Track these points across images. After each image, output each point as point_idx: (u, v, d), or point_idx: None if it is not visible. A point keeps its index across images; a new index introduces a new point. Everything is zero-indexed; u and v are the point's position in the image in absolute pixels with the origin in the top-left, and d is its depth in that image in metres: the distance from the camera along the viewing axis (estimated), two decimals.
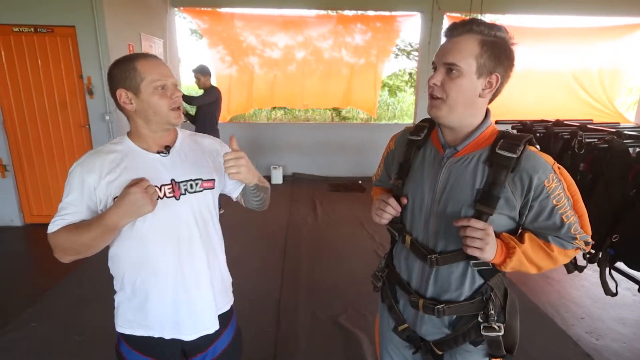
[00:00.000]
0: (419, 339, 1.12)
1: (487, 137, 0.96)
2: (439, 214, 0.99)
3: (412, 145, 1.08)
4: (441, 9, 5.19)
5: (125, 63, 1.01)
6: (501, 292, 1.03)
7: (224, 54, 5.72)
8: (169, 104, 1.03)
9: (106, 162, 1.02)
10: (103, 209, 1.02)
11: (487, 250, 0.90)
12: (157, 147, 1.08)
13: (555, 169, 0.91)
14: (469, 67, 0.89)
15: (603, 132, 2.41)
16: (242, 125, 6.28)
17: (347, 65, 5.87)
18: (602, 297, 2.22)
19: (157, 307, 1.08)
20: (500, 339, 1.00)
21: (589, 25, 5.74)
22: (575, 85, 5.73)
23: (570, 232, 0.94)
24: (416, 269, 1.06)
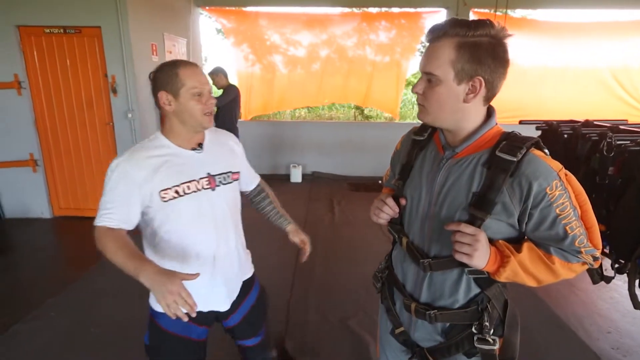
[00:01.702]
0: (414, 344, 1.09)
1: (490, 138, 0.91)
2: (435, 216, 0.96)
3: (415, 145, 1.06)
4: (467, 5, 5.01)
5: (169, 68, 1.14)
6: (500, 304, 0.97)
7: (248, 53, 5.78)
8: (203, 109, 1.15)
9: (150, 158, 1.14)
10: (149, 203, 1.14)
11: (476, 257, 0.85)
12: (190, 144, 1.21)
13: (561, 176, 0.85)
14: (446, 75, 0.85)
15: (637, 133, 2.24)
16: (263, 123, 6.31)
17: (370, 64, 5.80)
18: (633, 311, 2.07)
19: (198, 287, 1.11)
20: (495, 353, 0.95)
21: (627, 19, 5.38)
22: (614, 83, 5.37)
23: (574, 245, 0.87)
24: (411, 272, 1.04)
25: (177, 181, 1.15)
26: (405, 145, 1.11)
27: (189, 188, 1.17)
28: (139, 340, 1.34)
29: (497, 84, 0.88)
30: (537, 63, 5.25)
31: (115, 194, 1.11)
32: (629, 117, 4.04)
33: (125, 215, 1.12)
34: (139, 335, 1.34)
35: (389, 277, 1.16)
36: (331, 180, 5.79)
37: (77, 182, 3.98)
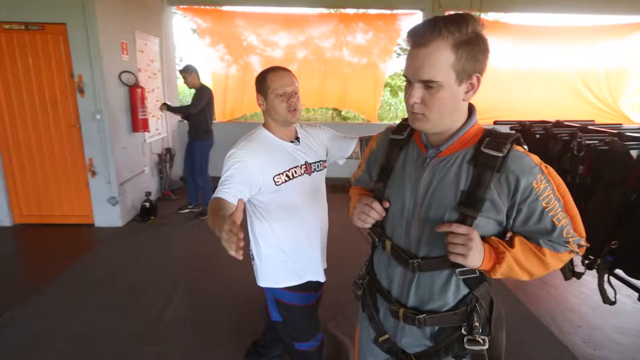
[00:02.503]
0: (400, 351, 1.06)
1: (472, 135, 0.90)
2: (421, 218, 0.93)
3: (394, 145, 1.03)
4: (442, 7, 5.09)
5: (261, 75, 1.40)
6: (487, 303, 0.96)
7: (224, 53, 5.67)
8: (286, 106, 1.35)
9: (260, 148, 1.36)
10: (262, 186, 1.33)
11: (471, 256, 0.84)
12: (289, 137, 1.44)
13: (543, 170, 0.85)
14: (448, 79, 0.82)
15: (604, 133, 2.31)
16: (239, 124, 6.19)
17: (348, 65, 5.79)
18: (602, 305, 2.12)
19: (311, 257, 1.50)
20: (484, 353, 0.94)
21: (595, 24, 5.60)
22: (581, 86, 5.57)
23: (562, 236, 0.88)
24: (397, 277, 1.00)
25: (286, 167, 1.37)
26: (382, 144, 1.07)
27: (296, 172, 1.39)
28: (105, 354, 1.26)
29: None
30: (509, 66, 5.37)
31: (231, 174, 1.27)
32: (595, 118, 4.19)
33: (237, 192, 1.25)
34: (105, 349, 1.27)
35: (371, 283, 1.12)
36: None
37: (41, 187, 3.79)
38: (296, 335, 1.56)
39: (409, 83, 0.87)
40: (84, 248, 3.42)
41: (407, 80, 0.88)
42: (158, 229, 3.90)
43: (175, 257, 3.30)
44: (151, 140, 4.63)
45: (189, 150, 4.18)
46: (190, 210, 4.33)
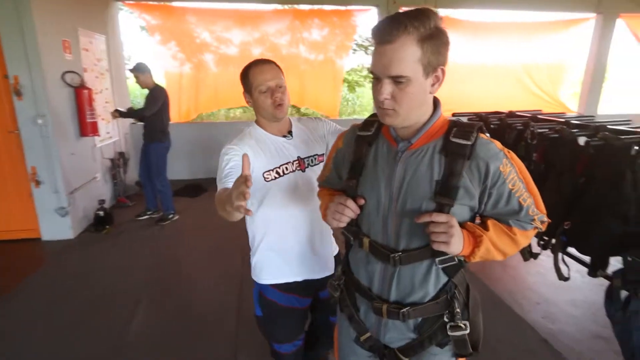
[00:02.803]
0: (382, 347, 1.06)
1: (440, 127, 0.93)
2: (398, 212, 0.94)
3: (362, 142, 1.02)
4: (396, 3, 5.20)
5: (244, 71, 1.36)
6: (464, 288, 0.99)
7: (176, 51, 5.44)
8: (271, 102, 1.31)
9: (252, 145, 1.33)
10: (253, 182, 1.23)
11: (454, 243, 0.86)
12: (281, 132, 1.40)
13: (506, 154, 0.90)
14: (416, 73, 0.83)
15: (552, 122, 2.48)
16: (196, 125, 5.98)
17: (305, 62, 5.77)
18: (556, 281, 2.28)
19: (298, 256, 1.42)
20: (466, 337, 0.96)
21: (537, 20, 5.98)
22: (526, 78, 5.97)
23: (528, 214, 0.94)
24: (377, 273, 1.00)
25: (277, 163, 1.34)
26: (349, 142, 1.06)
27: (287, 169, 1.35)
28: None
29: None
30: (461, 60, 5.58)
31: (230, 166, 1.24)
32: (540, 108, 4.49)
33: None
34: None
35: (348, 283, 1.10)
36: None
37: None
38: (273, 334, 1.53)
39: (377, 80, 0.87)
40: (31, 265, 3.14)
41: (375, 77, 0.88)
42: (115, 238, 3.67)
43: (136, 267, 3.12)
44: (102, 145, 4.35)
45: (144, 153, 3.96)
46: (150, 216, 4.12)
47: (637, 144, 1.92)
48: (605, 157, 1.98)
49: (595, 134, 2.09)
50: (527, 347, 2.17)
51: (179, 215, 4.16)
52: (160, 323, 2.42)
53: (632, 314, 1.81)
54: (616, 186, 1.91)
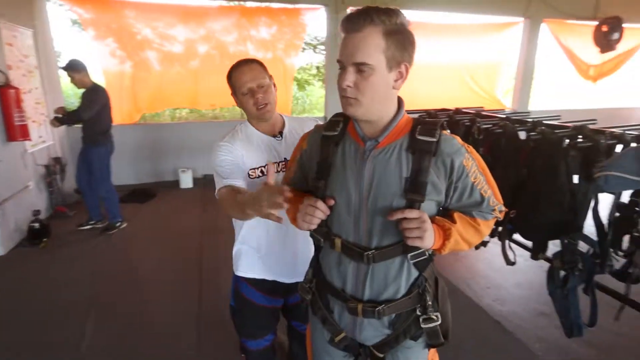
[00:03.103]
0: (358, 345, 1.07)
1: (404, 125, 0.96)
2: (369, 210, 0.95)
3: (328, 142, 1.02)
4: (344, 3, 5.29)
5: (228, 75, 1.37)
6: (433, 281, 1.03)
7: (115, 48, 5.08)
8: (254, 103, 1.31)
9: (242, 141, 1.35)
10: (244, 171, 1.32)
11: (427, 237, 0.89)
12: (271, 131, 1.40)
13: (467, 149, 0.95)
14: (380, 63, 0.86)
15: (495, 118, 2.66)
16: (141, 126, 5.63)
17: None
18: (503, 266, 2.45)
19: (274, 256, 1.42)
20: (438, 328, 1.00)
21: (475, 22, 6.39)
22: (467, 77, 6.37)
23: (489, 205, 1.00)
24: (350, 273, 1.00)
25: (262, 162, 1.35)
26: (314, 143, 1.06)
27: None
28: None
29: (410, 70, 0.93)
30: None
31: (227, 163, 1.28)
32: (477, 105, 4.80)
33: (240, 175, 1.29)
34: None
35: (319, 285, 1.10)
36: None
37: None
38: (241, 327, 1.55)
39: (343, 69, 0.89)
40: None
41: (341, 67, 0.90)
42: (54, 251, 3.36)
43: (81, 281, 2.88)
44: (34, 150, 3.95)
45: (84, 158, 3.65)
46: (93, 226, 3.82)
47: (568, 137, 2.12)
48: (543, 149, 2.15)
49: (533, 129, 2.27)
50: (482, 329, 2.33)
51: (127, 223, 3.91)
52: (115, 337, 2.27)
53: (569, 290, 2.00)
54: (553, 176, 2.09)
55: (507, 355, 2.13)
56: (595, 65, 6.84)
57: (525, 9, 6.21)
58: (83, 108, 3.44)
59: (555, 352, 2.15)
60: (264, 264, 1.44)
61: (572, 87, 7.63)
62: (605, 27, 5.89)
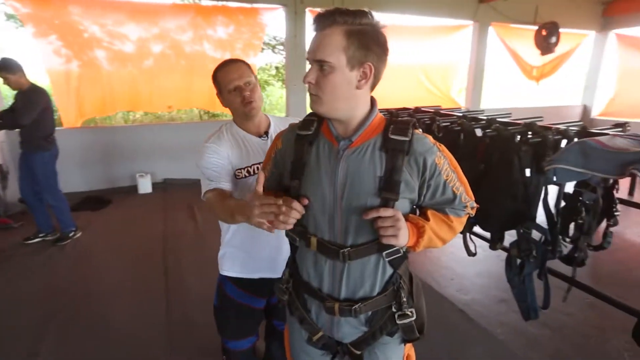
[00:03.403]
0: (335, 343, 1.08)
1: (377, 125, 0.97)
2: (344, 209, 0.95)
3: (302, 141, 1.02)
4: (304, 3, 5.30)
5: (213, 74, 1.38)
6: (407, 278, 1.05)
7: (59, 46, 4.75)
8: (241, 100, 1.32)
9: (228, 141, 1.35)
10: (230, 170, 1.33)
11: (401, 235, 0.91)
12: (258, 132, 1.41)
13: (438, 147, 0.97)
14: (339, 62, 0.87)
15: (452, 116, 2.78)
16: (92, 130, 5.32)
17: (212, 60, 5.52)
18: (465, 257, 2.57)
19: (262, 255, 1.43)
20: (413, 324, 1.02)
21: (428, 25, 6.65)
22: (423, 77, 6.62)
23: (461, 202, 1.02)
24: (326, 272, 1.01)
25: (248, 163, 1.35)
26: (289, 142, 1.06)
27: (258, 169, 1.35)
28: None
29: (381, 71, 0.94)
30: None
31: (213, 165, 1.28)
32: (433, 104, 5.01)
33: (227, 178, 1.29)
34: None
35: (296, 285, 1.10)
36: (187, 185, 5.33)
37: None
38: (223, 328, 1.56)
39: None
40: None
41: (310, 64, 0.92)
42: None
43: (34, 298, 2.68)
44: None
45: (26, 165, 3.36)
46: (43, 238, 3.55)
47: (519, 133, 2.27)
48: (498, 145, 2.29)
49: (488, 126, 2.41)
50: (448, 318, 2.44)
51: (82, 232, 3.68)
52: (77, 353, 2.14)
53: (526, 276, 2.14)
54: (508, 170, 2.22)
55: (473, 341, 2.25)
56: (538, 67, 7.36)
57: (474, 12, 6.56)
58: (22, 112, 3.14)
59: (514, 335, 2.30)
60: (249, 263, 1.44)
61: (518, 87, 8.18)
62: (544, 31, 6.36)
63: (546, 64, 7.38)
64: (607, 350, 2.18)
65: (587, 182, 1.97)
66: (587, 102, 8.51)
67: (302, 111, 5.89)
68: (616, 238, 2.18)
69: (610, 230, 2.12)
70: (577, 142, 1.86)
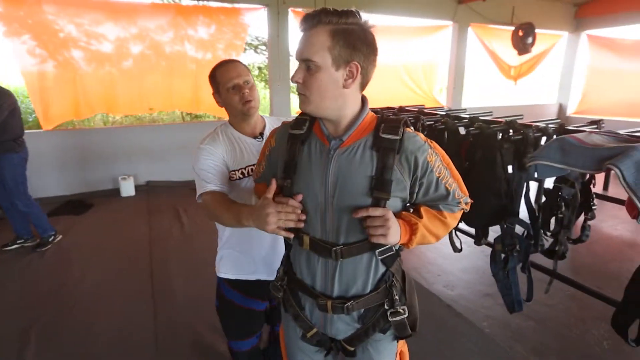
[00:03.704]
0: (329, 340, 1.09)
1: (368, 124, 0.98)
2: (335, 208, 0.96)
3: (295, 140, 1.02)
4: (286, 4, 5.29)
5: (211, 73, 1.38)
6: (400, 275, 1.06)
7: (33, 46, 4.61)
8: (240, 99, 1.33)
9: (223, 142, 1.35)
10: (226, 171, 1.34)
11: (391, 234, 0.91)
12: (253, 133, 1.41)
13: (430, 144, 0.97)
14: (324, 61, 0.88)
15: (436, 115, 2.84)
16: (70, 132, 5.15)
17: (193, 61, 5.45)
18: (451, 253, 2.62)
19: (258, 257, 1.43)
20: (405, 321, 1.04)
21: (409, 25, 6.74)
22: (406, 76, 6.71)
23: (455, 198, 1.03)
24: (319, 270, 1.02)
25: (242, 164, 1.35)
26: (281, 140, 1.07)
27: (252, 171, 1.33)
28: None
29: (370, 70, 0.95)
30: None
31: (209, 167, 1.28)
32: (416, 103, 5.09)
33: (223, 180, 1.29)
34: None
35: (291, 283, 1.11)
36: (171, 188, 5.26)
37: None
38: (226, 328, 1.57)
39: None
40: None
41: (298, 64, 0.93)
42: None
43: (14, 306, 2.59)
44: None
45: None
46: (22, 244, 3.42)
47: (501, 131, 2.33)
48: (481, 143, 2.35)
49: (471, 124, 2.46)
50: (436, 313, 2.48)
51: (64, 237, 3.58)
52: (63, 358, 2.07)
53: (510, 270, 2.20)
54: (491, 167, 2.28)
55: (460, 335, 2.30)
56: (515, 66, 7.57)
57: (453, 13, 6.69)
58: None
59: (500, 328, 2.37)
60: (246, 264, 1.45)
61: (497, 87, 8.38)
62: (521, 32, 6.54)
63: (523, 63, 7.59)
64: (587, 340, 2.27)
65: (566, 177, 2.05)
66: (562, 100, 8.79)
67: (285, 111, 5.87)
68: (593, 232, 2.26)
69: (588, 224, 2.20)
70: (557, 139, 1.93)
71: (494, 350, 2.18)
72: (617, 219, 3.93)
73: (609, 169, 1.47)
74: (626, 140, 1.63)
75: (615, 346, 2.18)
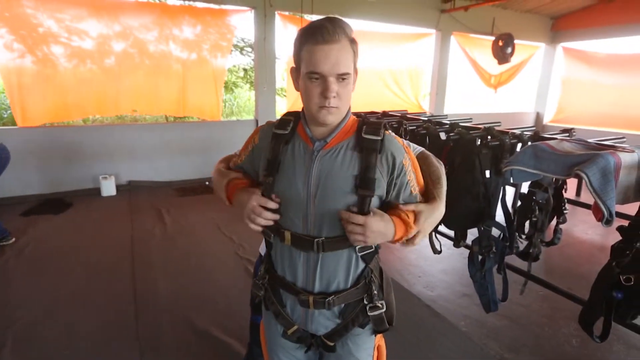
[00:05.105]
0: (310, 336, 1.12)
1: (350, 126, 1.02)
2: (317, 207, 0.99)
3: (278, 139, 1.05)
4: (273, 7, 5.32)
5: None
6: (378, 272, 1.10)
7: (11, 40, 4.49)
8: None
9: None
10: None
11: (372, 238, 0.95)
12: None
13: (405, 149, 1.03)
14: (352, 70, 0.94)
15: (418, 120, 2.92)
16: (50, 130, 5.00)
17: (178, 61, 5.41)
18: (431, 255, 2.71)
19: None
20: (383, 316, 1.08)
21: (400, 31, 6.90)
22: (391, 81, 6.84)
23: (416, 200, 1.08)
24: (300, 266, 1.05)
25: None
26: (266, 138, 1.08)
27: None
28: None
29: None
30: None
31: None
32: (400, 108, 5.20)
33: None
34: None
35: (272, 281, 1.13)
36: (153, 187, 5.20)
37: None
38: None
39: (318, 79, 0.92)
40: None
41: (318, 77, 0.91)
42: None
43: None
44: None
45: None
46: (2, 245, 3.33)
47: (480, 137, 2.42)
48: (461, 148, 2.43)
49: (452, 130, 2.55)
50: (416, 314, 2.54)
51: (41, 236, 3.49)
52: None
53: (487, 271, 2.29)
54: (470, 171, 2.36)
55: (438, 334, 2.36)
56: (495, 75, 7.81)
57: (436, 21, 6.86)
58: None
59: (477, 327, 2.45)
60: None
61: (477, 94, 8.62)
62: (501, 42, 6.75)
63: (503, 72, 7.83)
64: (558, 338, 2.37)
65: (539, 182, 2.15)
66: (539, 109, 9.11)
67: (271, 114, 5.89)
68: (566, 235, 2.37)
69: (560, 227, 2.31)
70: (531, 146, 2.02)
71: (471, 348, 2.26)
72: (588, 224, 4.11)
73: (577, 175, 1.56)
74: (594, 148, 1.73)
75: (583, 343, 2.29)
